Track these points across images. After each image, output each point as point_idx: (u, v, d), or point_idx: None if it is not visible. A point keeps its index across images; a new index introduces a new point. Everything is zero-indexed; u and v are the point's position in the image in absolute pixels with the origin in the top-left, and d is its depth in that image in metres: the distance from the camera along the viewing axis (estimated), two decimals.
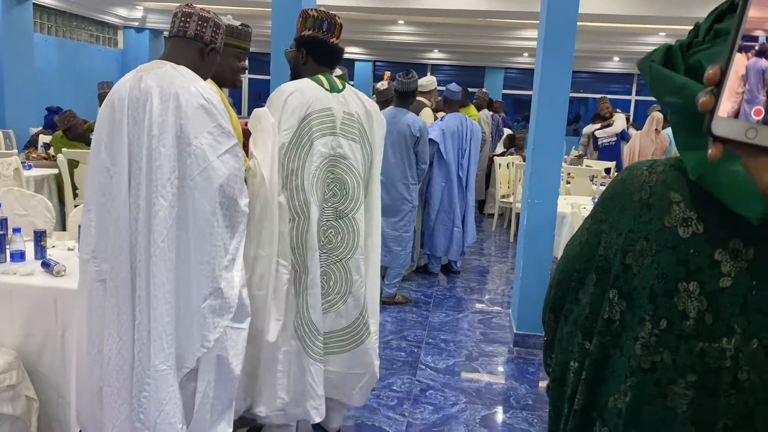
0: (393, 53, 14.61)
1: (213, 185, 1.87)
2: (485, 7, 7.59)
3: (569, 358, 1.07)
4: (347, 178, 2.38)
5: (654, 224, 0.95)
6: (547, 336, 1.15)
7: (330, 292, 2.41)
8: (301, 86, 2.33)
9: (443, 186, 5.27)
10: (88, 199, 2.02)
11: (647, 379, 0.96)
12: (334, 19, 2.41)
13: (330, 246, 2.37)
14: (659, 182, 0.97)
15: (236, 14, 9.93)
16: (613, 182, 1.05)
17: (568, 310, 1.08)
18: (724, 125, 0.53)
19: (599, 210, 1.05)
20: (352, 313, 2.44)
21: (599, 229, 1.03)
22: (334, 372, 2.50)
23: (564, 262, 1.11)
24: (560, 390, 1.09)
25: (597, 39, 10.28)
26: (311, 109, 2.28)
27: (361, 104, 2.44)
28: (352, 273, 2.41)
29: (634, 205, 0.98)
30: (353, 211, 2.40)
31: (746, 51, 0.52)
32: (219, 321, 1.92)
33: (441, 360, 3.77)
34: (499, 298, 5.13)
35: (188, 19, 2.03)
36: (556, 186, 3.97)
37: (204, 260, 1.89)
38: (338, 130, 2.34)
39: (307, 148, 2.29)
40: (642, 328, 0.95)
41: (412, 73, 4.78)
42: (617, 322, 0.99)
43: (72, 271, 2.39)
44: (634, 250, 0.97)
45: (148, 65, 2.00)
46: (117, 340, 1.96)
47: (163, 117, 1.86)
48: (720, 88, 0.53)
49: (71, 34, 11.18)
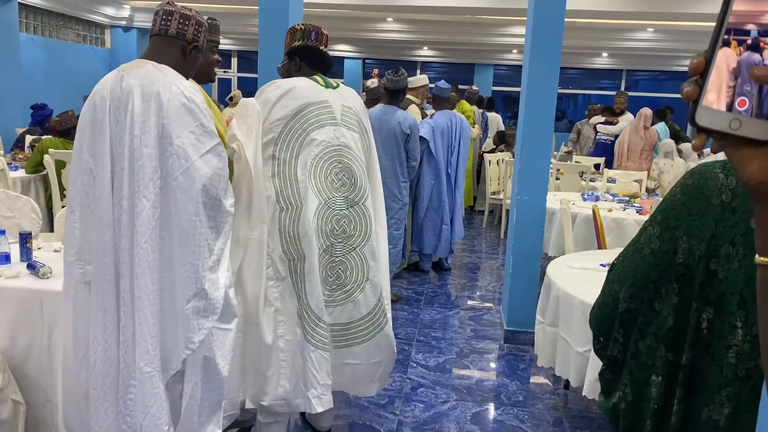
0: (382, 51, 14.58)
1: (195, 185, 1.85)
2: (473, 4, 7.59)
3: (650, 372, 1.03)
4: (354, 167, 2.42)
5: (740, 228, 0.93)
6: (612, 351, 1.09)
7: (347, 282, 2.41)
8: (297, 83, 2.40)
9: (432, 183, 5.27)
10: (71, 200, 2.00)
11: (744, 386, 0.94)
12: (319, 30, 2.53)
13: (345, 235, 2.39)
14: (741, 183, 0.94)
15: (223, 12, 9.85)
16: (682, 187, 1.02)
17: (644, 323, 1.04)
18: (708, 116, 0.52)
19: (669, 216, 1.02)
20: (371, 300, 2.45)
21: (674, 236, 1.00)
22: (354, 364, 2.49)
23: (634, 273, 1.06)
24: (637, 406, 1.05)
25: (585, 35, 10.30)
26: (307, 101, 2.34)
27: (357, 100, 2.55)
28: (368, 260, 2.44)
29: (714, 209, 0.96)
30: (363, 199, 2.45)
31: (730, 44, 0.52)
32: (203, 322, 1.91)
33: (432, 357, 3.77)
34: (490, 295, 5.13)
35: (169, 18, 2.02)
36: (545, 182, 3.98)
37: (187, 261, 1.87)
38: (339, 121, 2.40)
39: (302, 139, 2.32)
40: (734, 336, 0.93)
41: (402, 71, 4.77)
42: (705, 331, 0.96)
43: (58, 273, 2.37)
44: (719, 255, 0.95)
45: (130, 64, 1.98)
46: (102, 343, 1.94)
47: (145, 116, 1.84)
48: (704, 78, 0.52)
49: (58, 33, 11.08)
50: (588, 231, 4.44)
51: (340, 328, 2.43)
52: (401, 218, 4.73)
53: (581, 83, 15.62)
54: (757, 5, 0.51)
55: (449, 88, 5.57)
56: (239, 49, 14.77)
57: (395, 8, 8.45)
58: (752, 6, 0.51)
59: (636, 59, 13.53)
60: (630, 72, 14.64)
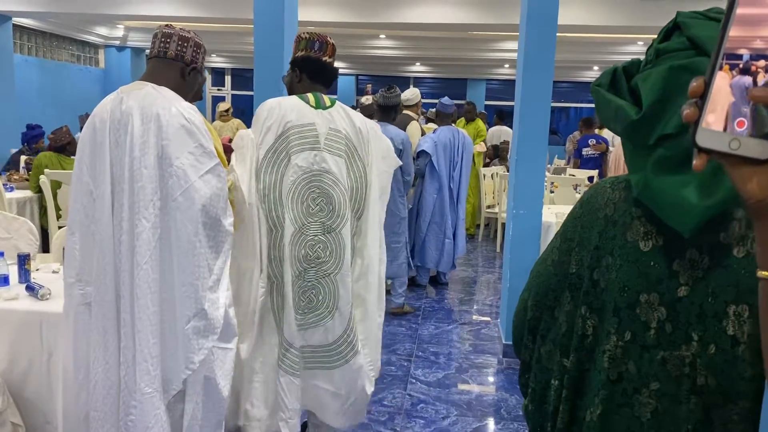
0: (376, 67, 14.69)
1: (195, 205, 1.86)
2: (465, 20, 7.66)
3: (549, 377, 1.08)
4: (333, 193, 2.35)
5: (618, 240, 0.98)
6: (524, 357, 1.16)
7: (319, 306, 2.39)
8: (282, 102, 2.36)
9: (435, 198, 5.31)
10: (71, 222, 2.01)
11: (615, 389, 0.98)
12: (325, 39, 2.46)
13: (319, 261, 2.35)
14: (622, 198, 0.99)
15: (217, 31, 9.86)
16: (580, 202, 1.08)
17: (545, 330, 1.10)
18: (708, 137, 0.54)
19: (568, 229, 1.08)
20: (338, 329, 2.41)
21: (569, 248, 1.06)
22: (322, 389, 2.48)
23: (537, 283, 1.12)
24: (541, 408, 1.11)
25: (576, 49, 10.41)
26: (290, 124, 2.30)
27: (349, 122, 2.41)
28: (339, 288, 2.39)
29: (599, 222, 1.01)
30: (340, 227, 2.37)
31: (731, 68, 0.54)
32: (204, 342, 1.91)
33: (431, 373, 3.76)
34: (488, 309, 5.14)
35: (168, 40, 2.04)
36: (540, 196, 4.00)
37: (187, 281, 1.88)
38: (322, 145, 2.33)
39: (285, 162, 2.30)
40: (608, 341, 0.98)
41: (394, 88, 4.86)
42: (590, 337, 1.01)
43: (57, 295, 2.37)
44: (601, 265, 1.00)
45: (129, 87, 2.00)
46: (103, 364, 1.94)
47: (145, 138, 1.86)
48: (704, 100, 0.54)
49: (52, 54, 11.13)
50: None
51: (311, 350, 2.41)
52: (400, 232, 4.79)
53: (573, 96, 15.74)
54: (748, 31, 0.53)
55: (452, 104, 5.65)
56: (233, 67, 14.85)
57: (388, 25, 8.53)
58: (743, 32, 0.54)
59: None
60: None
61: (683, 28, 0.94)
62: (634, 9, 7.37)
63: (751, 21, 0.53)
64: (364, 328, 2.50)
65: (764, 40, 0.54)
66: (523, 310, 1.15)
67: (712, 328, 0.92)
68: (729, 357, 0.91)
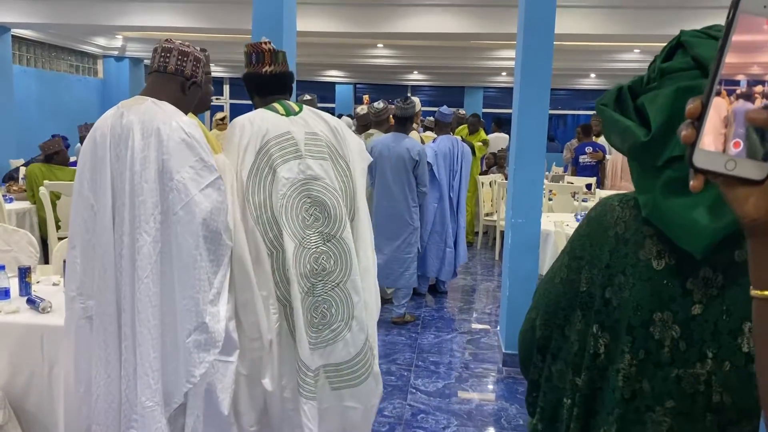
0: (373, 75, 14.74)
1: (196, 219, 1.87)
2: (462, 30, 7.70)
3: (561, 395, 1.08)
4: (325, 199, 2.24)
5: (630, 258, 0.98)
6: (533, 376, 1.15)
7: (333, 321, 2.25)
8: (253, 117, 2.27)
9: (436, 206, 5.34)
10: (72, 235, 2.02)
11: (629, 408, 0.98)
12: (260, 48, 2.35)
13: (324, 272, 2.23)
14: (632, 217, 1.00)
15: (215, 41, 9.90)
16: (587, 219, 1.08)
17: (556, 348, 1.09)
18: (705, 157, 0.56)
19: (576, 247, 1.07)
20: (358, 339, 2.28)
21: (579, 266, 1.05)
22: (351, 408, 2.30)
23: (546, 301, 1.12)
24: (551, 427, 1.10)
25: (573, 57, 10.46)
26: (267, 137, 2.20)
27: (323, 122, 2.33)
28: (352, 295, 2.27)
29: (609, 240, 1.01)
30: (340, 231, 2.27)
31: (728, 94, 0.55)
32: (204, 356, 1.91)
33: (431, 383, 3.76)
34: (487, 317, 5.14)
35: (168, 55, 2.05)
36: (539, 205, 4.02)
37: (188, 295, 1.89)
38: (303, 152, 2.23)
39: (270, 178, 2.18)
40: (622, 360, 0.98)
41: (410, 100, 4.93)
42: (602, 356, 1.01)
43: (58, 308, 2.38)
44: (613, 284, 0.99)
45: (129, 101, 2.01)
46: (105, 378, 1.95)
47: (145, 152, 1.87)
48: (701, 122, 0.56)
49: (50, 64, 11.15)
50: None
51: (333, 369, 2.26)
52: (413, 242, 4.83)
53: (571, 104, 15.79)
54: (745, 57, 0.55)
55: (452, 113, 5.71)
56: (231, 77, 14.89)
57: (386, 35, 8.57)
58: (741, 58, 0.55)
59: (624, 79, 13.47)
60: None
61: (687, 47, 0.94)
62: (630, 18, 7.42)
63: (747, 47, 0.55)
64: (371, 329, 2.38)
65: (761, 66, 0.55)
66: (531, 329, 1.14)
67: (727, 345, 0.92)
68: (744, 374, 0.91)
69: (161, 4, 7.89)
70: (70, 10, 8.03)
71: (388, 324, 4.79)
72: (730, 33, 0.55)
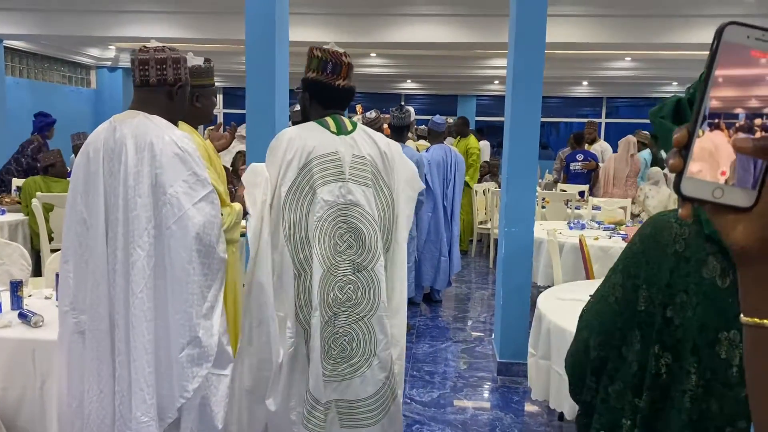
0: (367, 84, 14.76)
1: (189, 233, 1.87)
2: (454, 39, 7.74)
3: (619, 417, 1.05)
4: (362, 227, 2.13)
5: (693, 277, 0.97)
6: (586, 397, 1.12)
7: (353, 355, 2.13)
8: (301, 132, 2.17)
9: (430, 216, 5.35)
10: (65, 250, 2.02)
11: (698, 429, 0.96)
12: (339, 59, 2.23)
13: (350, 303, 2.12)
14: (692, 234, 0.98)
15: (208, 51, 9.92)
16: (640, 237, 1.06)
17: (613, 369, 1.07)
18: (693, 185, 0.56)
19: (630, 265, 1.05)
20: (378, 377, 2.15)
21: (635, 285, 1.03)
22: None
23: (601, 321, 1.09)
24: None
25: (565, 65, 10.51)
26: (313, 155, 2.11)
27: (374, 146, 2.22)
28: (377, 332, 2.14)
29: (668, 258, 0.99)
30: (372, 263, 2.15)
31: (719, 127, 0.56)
32: (198, 370, 1.91)
33: (426, 393, 3.76)
34: (481, 326, 5.14)
35: (146, 67, 2.02)
36: (532, 214, 4.03)
37: (181, 309, 1.88)
38: (347, 176, 2.13)
39: (310, 198, 2.10)
40: (689, 381, 0.97)
41: (406, 109, 4.93)
42: (664, 375, 0.99)
43: (50, 322, 2.37)
44: (675, 303, 0.98)
45: (122, 115, 2.01)
46: (98, 393, 1.94)
47: (139, 167, 1.87)
48: (688, 150, 0.56)
49: (43, 75, 11.14)
50: (576, 259, 4.48)
51: (345, 406, 2.15)
52: (410, 251, 4.83)
53: (563, 111, 15.87)
54: (738, 86, 0.56)
55: (444, 122, 5.74)
56: (225, 86, 14.90)
57: (379, 45, 8.61)
58: (733, 87, 0.56)
59: (615, 87, 13.81)
60: (610, 99, 14.94)
61: None
62: (620, 26, 7.47)
63: (738, 79, 0.56)
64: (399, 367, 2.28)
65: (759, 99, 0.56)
66: (584, 350, 1.12)
67: None
68: None
69: (154, 15, 7.90)
70: (62, 21, 8.03)
71: None
72: (714, 64, 0.56)
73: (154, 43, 2.08)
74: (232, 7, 6.85)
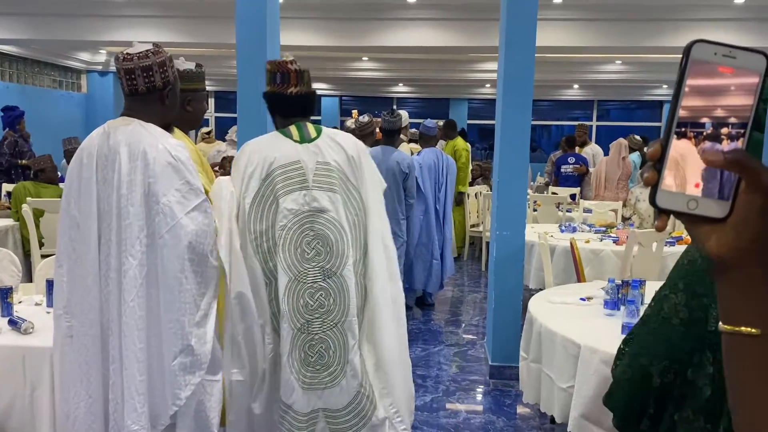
0: (359, 88, 14.79)
1: (181, 243, 1.87)
2: (446, 43, 7.77)
3: None
4: (329, 233, 2.16)
5: None
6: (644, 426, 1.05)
7: (331, 363, 2.14)
8: (263, 143, 2.23)
9: (422, 219, 5.36)
10: (59, 253, 2.02)
11: None
12: (285, 68, 2.27)
13: (323, 310, 2.14)
14: None
15: (200, 55, 9.90)
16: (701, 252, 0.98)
17: (680, 396, 1.01)
18: (668, 198, 0.58)
19: (694, 283, 0.98)
20: (352, 386, 2.16)
21: (701, 304, 0.97)
22: None
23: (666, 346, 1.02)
24: None
25: (556, 68, 10.57)
26: (274, 165, 2.16)
27: (340, 151, 2.24)
28: (348, 338, 2.16)
29: None
30: (341, 268, 2.17)
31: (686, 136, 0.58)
32: (190, 378, 1.91)
33: (419, 397, 3.76)
34: (474, 329, 5.15)
35: (133, 76, 2.00)
36: (523, 217, 4.05)
37: (173, 318, 1.89)
38: (311, 183, 2.17)
39: (274, 208, 2.14)
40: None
41: (397, 113, 4.96)
42: None
43: (40, 329, 2.35)
44: None
45: (116, 121, 2.01)
46: (86, 398, 1.94)
47: (132, 176, 1.87)
48: (662, 163, 0.58)
49: (34, 80, 11.09)
50: (567, 262, 4.50)
51: (332, 414, 2.16)
52: (400, 255, 4.83)
53: (554, 114, 15.94)
54: (707, 101, 0.57)
55: (435, 126, 5.77)
56: (216, 90, 14.89)
57: (370, 49, 8.63)
58: (703, 101, 0.57)
59: (606, 90, 13.90)
60: (601, 102, 15.02)
61: None
62: (610, 30, 7.52)
63: (706, 91, 0.57)
64: (381, 376, 2.25)
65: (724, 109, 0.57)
66: (645, 377, 1.04)
67: None
68: None
69: (145, 19, 7.89)
70: (53, 25, 8.01)
71: None
72: (684, 79, 0.57)
73: (136, 47, 2.03)
74: (222, 11, 6.86)
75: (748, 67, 0.56)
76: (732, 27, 7.03)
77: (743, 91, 0.57)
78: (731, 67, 0.56)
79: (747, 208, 0.56)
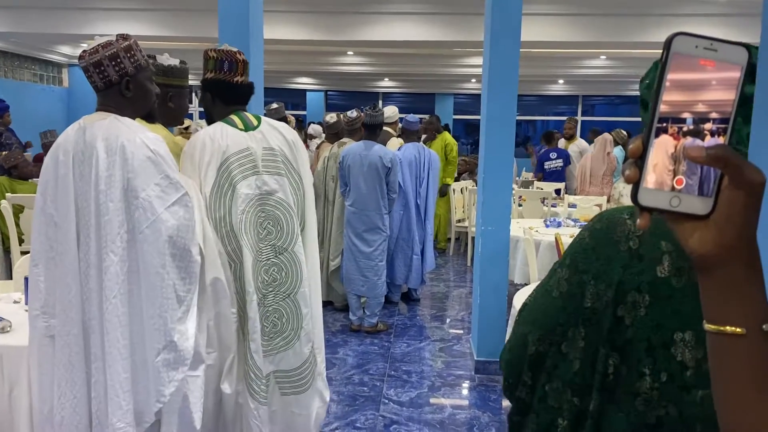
0: (344, 83, 14.74)
1: (162, 237, 1.85)
2: (431, 38, 7.74)
3: (555, 416, 1.02)
4: (279, 213, 2.33)
5: (646, 275, 0.93)
6: (520, 394, 1.08)
7: (284, 329, 2.35)
8: (213, 133, 2.28)
9: (401, 214, 5.34)
10: (34, 253, 1.97)
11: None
12: (234, 57, 2.36)
13: (276, 283, 2.33)
14: (647, 232, 0.94)
15: (182, 49, 9.82)
16: (590, 231, 1.02)
17: (552, 366, 1.03)
18: (650, 195, 0.56)
19: (579, 260, 1.01)
20: (305, 349, 2.39)
21: (581, 280, 0.99)
22: (296, 415, 2.42)
23: (542, 317, 1.05)
24: None
25: (541, 64, 10.58)
26: (227, 153, 2.25)
27: (280, 136, 2.39)
28: (301, 307, 2.37)
29: (621, 255, 0.96)
30: (292, 245, 2.36)
31: (668, 132, 0.56)
32: (174, 374, 1.88)
33: (404, 392, 3.75)
34: (460, 324, 5.16)
35: (89, 74, 1.95)
36: (508, 212, 4.05)
37: (155, 314, 1.86)
38: (260, 168, 2.30)
39: (230, 194, 2.24)
40: (642, 383, 0.93)
41: (379, 107, 4.98)
42: (611, 376, 0.96)
43: (18, 327, 2.31)
44: (626, 301, 0.94)
45: (92, 117, 1.98)
46: (71, 398, 1.90)
47: (110, 171, 1.84)
48: (643, 161, 0.56)
49: (13, 74, 10.93)
50: (552, 257, 4.52)
51: (283, 375, 2.36)
52: (384, 249, 4.87)
53: (539, 110, 16.00)
54: (689, 95, 0.56)
55: (417, 121, 5.78)
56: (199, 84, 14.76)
57: (355, 43, 8.58)
58: (685, 96, 0.56)
59: (591, 85, 13.96)
60: (586, 97, 15.09)
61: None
62: (595, 25, 7.54)
63: (687, 86, 0.56)
64: (316, 337, 2.50)
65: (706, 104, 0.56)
66: (522, 345, 1.07)
67: None
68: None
69: (126, 12, 7.79)
70: (33, 18, 7.88)
71: (362, 334, 4.78)
72: (665, 73, 0.56)
73: (94, 42, 1.97)
74: (205, 4, 6.77)
75: (730, 60, 0.55)
76: (716, 22, 7.07)
77: (725, 86, 0.56)
78: (713, 60, 0.55)
79: (730, 204, 0.55)
